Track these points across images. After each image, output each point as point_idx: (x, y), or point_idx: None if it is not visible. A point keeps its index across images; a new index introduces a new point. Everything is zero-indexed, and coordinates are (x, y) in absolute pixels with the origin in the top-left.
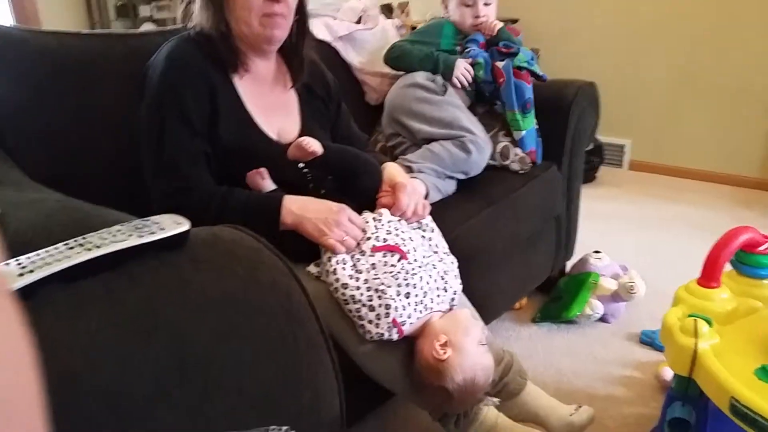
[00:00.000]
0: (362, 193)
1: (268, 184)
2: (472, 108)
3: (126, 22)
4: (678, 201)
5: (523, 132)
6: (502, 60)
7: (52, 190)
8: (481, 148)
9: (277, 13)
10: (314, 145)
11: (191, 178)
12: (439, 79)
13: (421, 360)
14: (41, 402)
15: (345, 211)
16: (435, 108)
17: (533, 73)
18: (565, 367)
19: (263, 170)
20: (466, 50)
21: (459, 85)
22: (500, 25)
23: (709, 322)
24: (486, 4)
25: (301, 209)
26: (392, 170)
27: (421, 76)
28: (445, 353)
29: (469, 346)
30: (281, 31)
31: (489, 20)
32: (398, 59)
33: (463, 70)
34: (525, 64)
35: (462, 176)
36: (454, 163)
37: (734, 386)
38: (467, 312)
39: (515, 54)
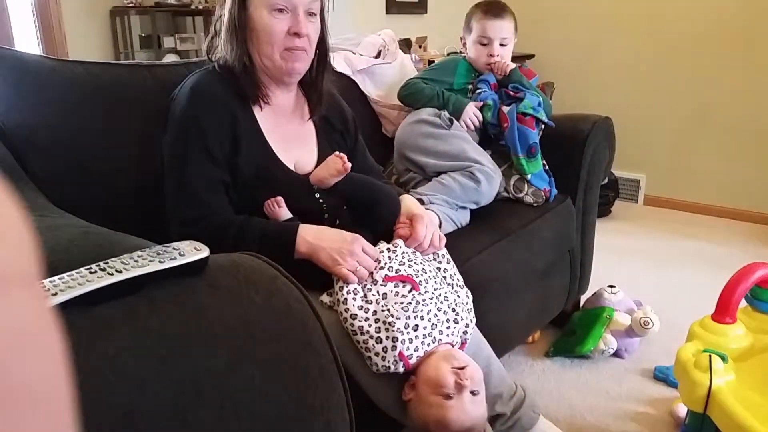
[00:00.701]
0: (380, 222)
1: (284, 213)
2: (480, 145)
3: (150, 53)
4: (693, 236)
5: (529, 176)
6: (509, 104)
7: (74, 216)
8: (490, 177)
9: (298, 48)
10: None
11: (210, 206)
12: (444, 113)
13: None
14: (71, 400)
15: (359, 241)
16: (441, 142)
17: (539, 120)
18: (578, 402)
19: (279, 199)
20: (477, 90)
21: (466, 129)
22: (513, 66)
23: (723, 359)
24: (502, 45)
25: (315, 238)
26: (409, 202)
27: (426, 112)
28: (408, 393)
29: (429, 397)
30: (302, 65)
31: (503, 60)
32: (409, 97)
33: (471, 115)
34: (530, 111)
35: (473, 206)
36: (464, 193)
37: (750, 423)
38: (459, 357)
39: (521, 99)
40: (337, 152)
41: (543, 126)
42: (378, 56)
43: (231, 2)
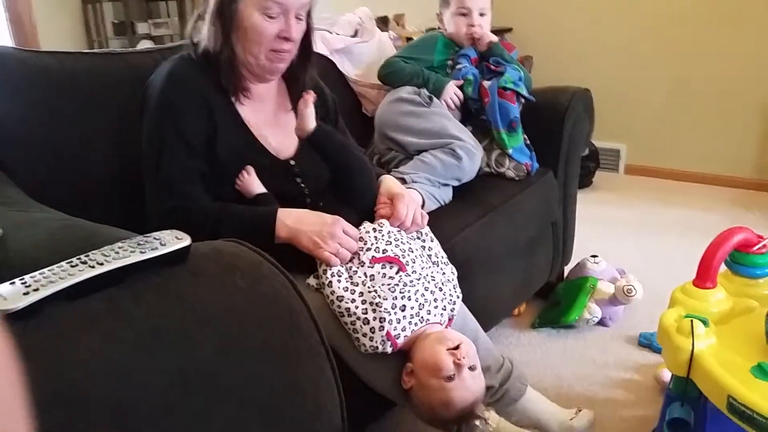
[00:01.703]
0: (359, 193)
1: (256, 183)
2: (462, 121)
3: (124, 40)
4: (674, 204)
5: (510, 150)
6: (490, 78)
7: (54, 210)
8: (471, 153)
9: (285, 50)
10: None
11: (188, 196)
12: (424, 91)
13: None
14: (23, 405)
15: (339, 223)
16: (422, 120)
17: (519, 94)
18: (565, 371)
19: (249, 167)
20: (458, 66)
21: (447, 108)
22: (494, 40)
23: (705, 323)
24: (481, 15)
25: (295, 222)
26: (389, 182)
27: (406, 91)
28: (408, 381)
29: (429, 382)
30: (285, 65)
31: (483, 30)
32: (390, 76)
33: (452, 94)
34: (510, 85)
35: (455, 183)
36: (446, 170)
37: (731, 385)
38: (451, 336)
39: (502, 74)
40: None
41: (523, 100)
42: (355, 35)
43: None
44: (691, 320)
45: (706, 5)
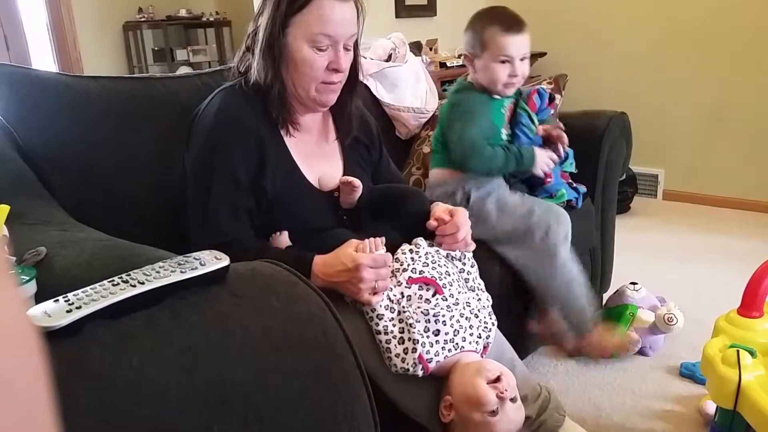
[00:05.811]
0: (410, 216)
1: (284, 243)
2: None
3: (163, 66)
4: (714, 230)
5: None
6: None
7: (94, 230)
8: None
9: (335, 82)
10: (355, 181)
11: (231, 233)
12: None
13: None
14: (48, 389)
15: (362, 264)
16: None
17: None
18: (604, 402)
19: (284, 232)
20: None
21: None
22: (567, 143)
23: (752, 353)
24: (522, 60)
25: (326, 275)
26: (444, 205)
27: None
28: (448, 415)
29: (472, 416)
30: (335, 96)
31: (524, 77)
32: (485, 165)
33: (546, 159)
34: (569, 168)
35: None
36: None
37: None
38: (491, 367)
39: (564, 159)
40: (341, 178)
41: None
42: (389, 59)
43: (268, 24)
44: (737, 350)
45: (743, 27)
